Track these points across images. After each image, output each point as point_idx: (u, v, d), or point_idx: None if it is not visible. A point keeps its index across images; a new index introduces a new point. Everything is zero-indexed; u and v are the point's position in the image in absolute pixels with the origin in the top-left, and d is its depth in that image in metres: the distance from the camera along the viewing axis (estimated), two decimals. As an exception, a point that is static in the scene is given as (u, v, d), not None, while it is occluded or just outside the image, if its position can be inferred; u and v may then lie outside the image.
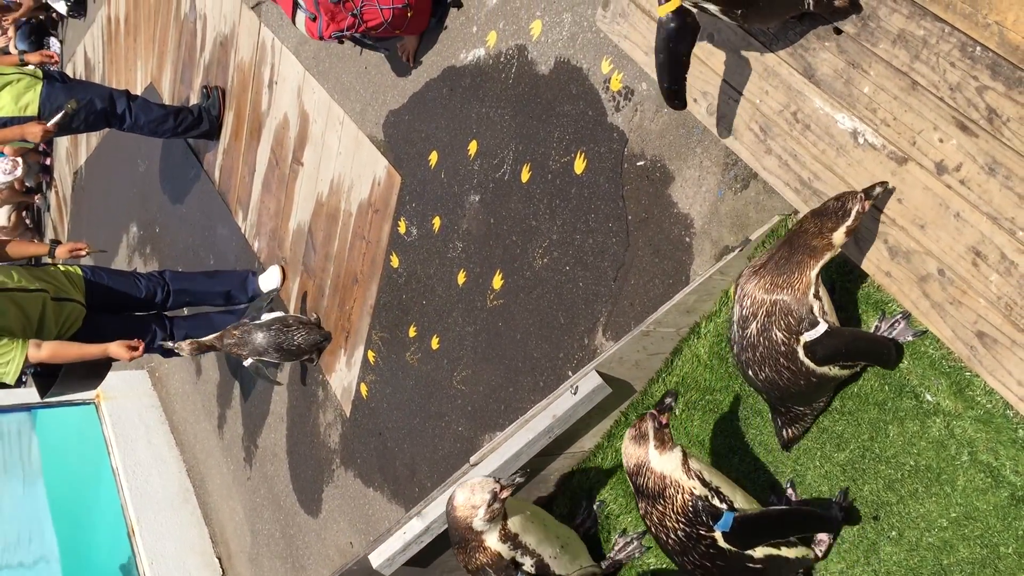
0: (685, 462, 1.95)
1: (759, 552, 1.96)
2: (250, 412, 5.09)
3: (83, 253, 4.59)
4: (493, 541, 2.18)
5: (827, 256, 1.87)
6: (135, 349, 3.91)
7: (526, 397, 3.09)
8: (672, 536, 1.97)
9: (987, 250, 1.75)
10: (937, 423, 1.94)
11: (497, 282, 3.23)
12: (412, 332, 3.69)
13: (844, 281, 2.12)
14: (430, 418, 3.58)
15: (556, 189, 2.99)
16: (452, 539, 2.24)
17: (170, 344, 4.13)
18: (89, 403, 6.14)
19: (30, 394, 6.18)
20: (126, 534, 5.50)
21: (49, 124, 4.61)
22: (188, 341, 4.08)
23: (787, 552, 2.02)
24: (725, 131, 2.30)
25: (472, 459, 2.41)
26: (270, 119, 4.98)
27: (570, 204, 2.94)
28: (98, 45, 8.56)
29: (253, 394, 5.05)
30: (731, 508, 1.93)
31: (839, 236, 1.84)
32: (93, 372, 4.14)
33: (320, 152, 4.45)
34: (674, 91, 2.07)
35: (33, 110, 4.73)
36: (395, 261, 3.81)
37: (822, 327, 1.85)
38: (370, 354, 3.98)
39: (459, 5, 3.47)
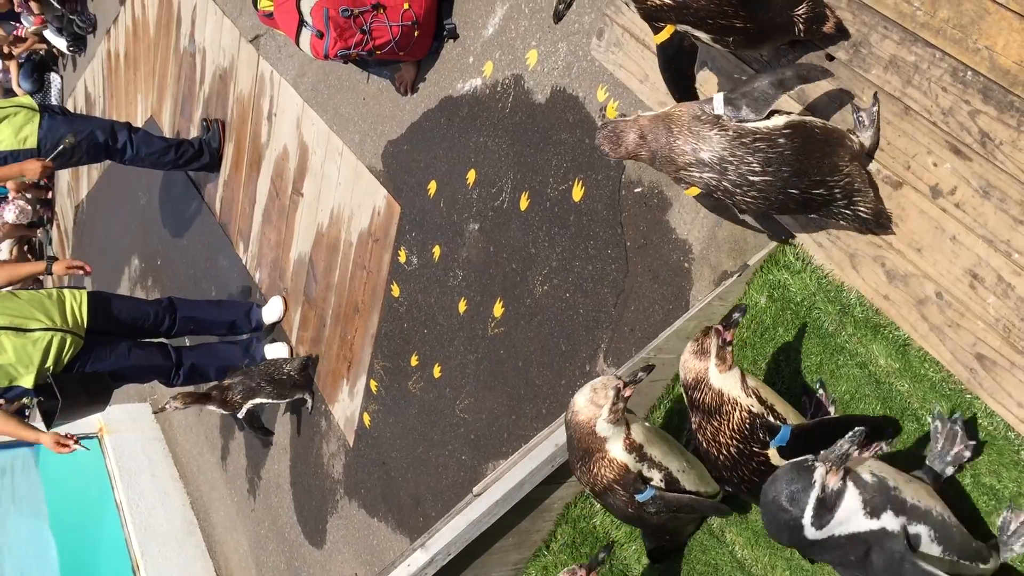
0: (744, 381, 1.91)
1: None
2: (253, 443, 5.08)
3: (81, 272, 4.58)
4: (618, 451, 2.04)
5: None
6: (65, 446, 3.92)
7: (529, 424, 3.09)
8: (724, 452, 1.93)
9: (984, 273, 1.76)
10: (939, 446, 1.94)
11: (498, 310, 3.24)
12: (414, 361, 3.69)
13: (837, 309, 2.13)
14: (433, 447, 3.58)
15: (555, 217, 3.01)
16: (574, 456, 2.10)
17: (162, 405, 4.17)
18: (92, 437, 6.12)
19: (33, 429, 6.17)
20: (130, 569, 5.48)
21: (48, 160, 4.64)
22: (178, 394, 4.11)
23: None
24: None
25: (475, 490, 2.40)
26: (270, 150, 5.01)
27: (569, 231, 2.95)
28: (98, 79, 8.62)
29: (250, 425, 5.04)
30: (785, 424, 1.90)
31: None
32: (94, 399, 4.14)
33: (320, 183, 4.47)
34: (685, 94, 2.11)
35: (32, 143, 4.76)
36: (396, 290, 3.82)
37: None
38: (372, 383, 3.98)
39: (455, 37, 3.50)
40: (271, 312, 4.77)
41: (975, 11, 1.74)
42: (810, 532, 1.63)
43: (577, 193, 2.92)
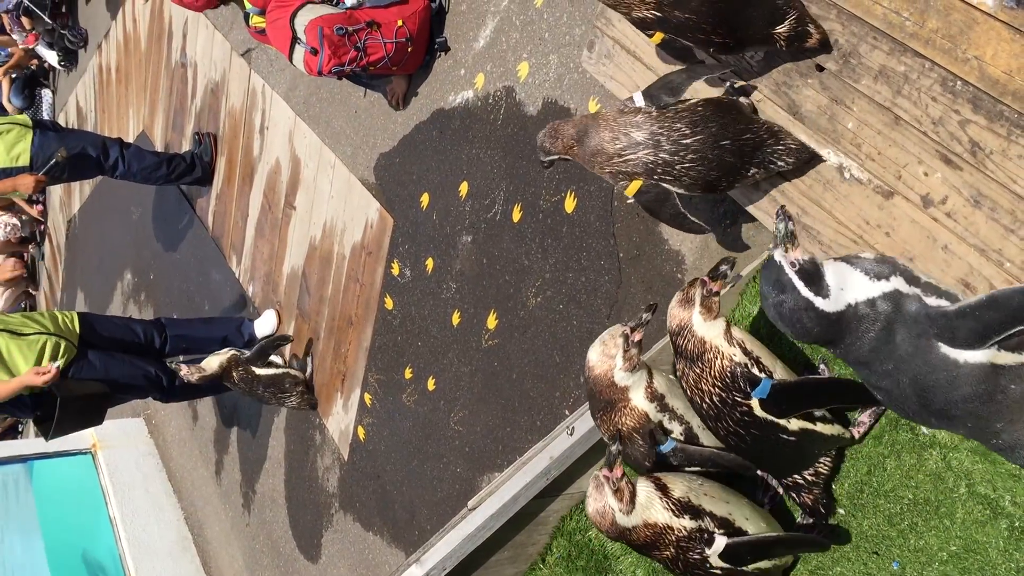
0: (728, 331, 1.92)
1: (793, 424, 1.91)
2: (248, 457, 5.06)
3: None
4: (640, 399, 2.04)
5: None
6: (45, 373, 3.87)
7: (523, 436, 3.08)
8: (707, 400, 1.92)
9: (976, 282, 1.76)
10: (934, 455, 1.94)
11: (491, 322, 3.23)
12: (408, 373, 3.69)
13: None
14: (428, 459, 3.56)
15: (547, 228, 3.01)
16: (595, 408, 2.08)
17: (173, 365, 4.14)
18: (85, 452, 6.10)
19: (26, 445, 6.16)
20: (125, 585, 5.45)
21: (40, 174, 4.63)
22: (190, 367, 4.09)
23: (822, 428, 1.97)
24: (713, 168, 2.31)
25: (470, 503, 2.40)
26: (262, 164, 5.00)
27: (562, 243, 2.95)
28: (90, 94, 8.62)
29: (250, 439, 5.02)
30: (770, 377, 1.90)
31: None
32: (90, 407, 4.12)
33: (312, 196, 4.47)
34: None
35: (25, 160, 4.75)
36: (389, 303, 3.81)
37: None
38: (367, 396, 3.97)
39: (447, 49, 3.51)
40: (264, 325, 4.76)
41: (964, 21, 1.74)
42: (822, 304, 1.67)
43: (570, 205, 2.92)
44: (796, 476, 2.04)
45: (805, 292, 1.68)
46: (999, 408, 1.61)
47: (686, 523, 1.94)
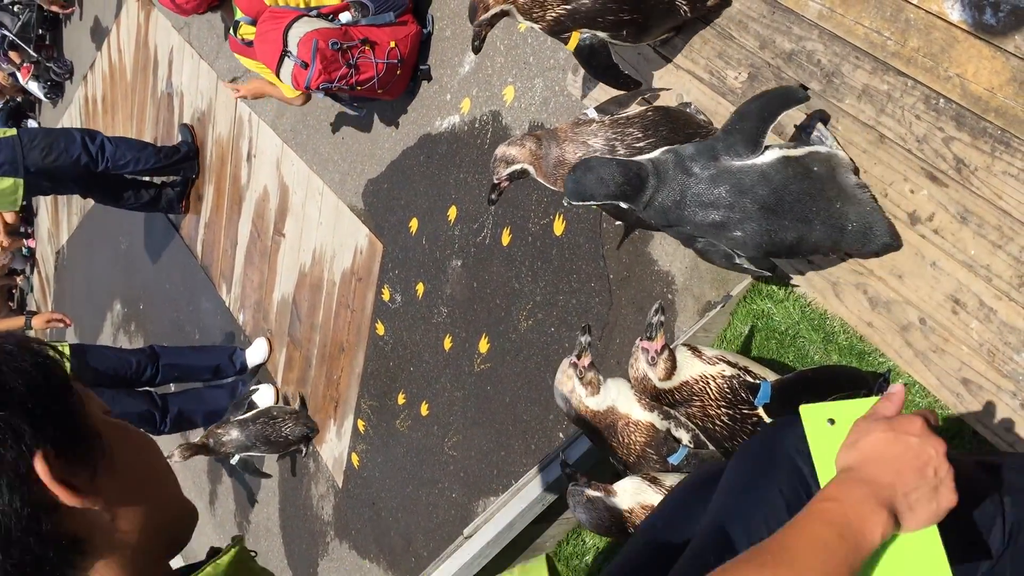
0: (699, 355, 1.88)
1: None
2: (241, 488, 5.03)
3: (61, 325, 4.55)
4: (638, 412, 2.02)
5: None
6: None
7: (518, 460, 3.07)
8: (718, 423, 1.89)
9: (966, 298, 1.76)
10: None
11: (483, 346, 3.23)
12: (401, 399, 3.67)
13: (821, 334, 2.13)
14: (423, 485, 3.55)
15: (537, 251, 3.01)
16: (601, 440, 2.06)
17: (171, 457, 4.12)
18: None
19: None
20: (120, 619, 5.39)
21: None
22: (177, 447, 4.05)
23: None
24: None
25: (466, 531, 2.38)
26: (250, 192, 5.00)
27: (552, 265, 2.95)
28: (77, 125, 8.61)
29: (244, 469, 4.99)
30: (766, 381, 1.87)
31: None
32: None
33: (301, 223, 4.46)
34: (623, 82, 2.28)
35: (19, 202, 4.76)
36: (381, 329, 3.81)
37: None
38: (360, 423, 3.95)
39: (429, 79, 3.52)
40: (256, 354, 4.74)
41: (944, 40, 1.76)
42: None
43: (558, 227, 2.92)
44: None
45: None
46: (822, 184, 1.77)
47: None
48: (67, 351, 4.22)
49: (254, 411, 4.24)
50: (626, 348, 2.69)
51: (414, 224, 3.60)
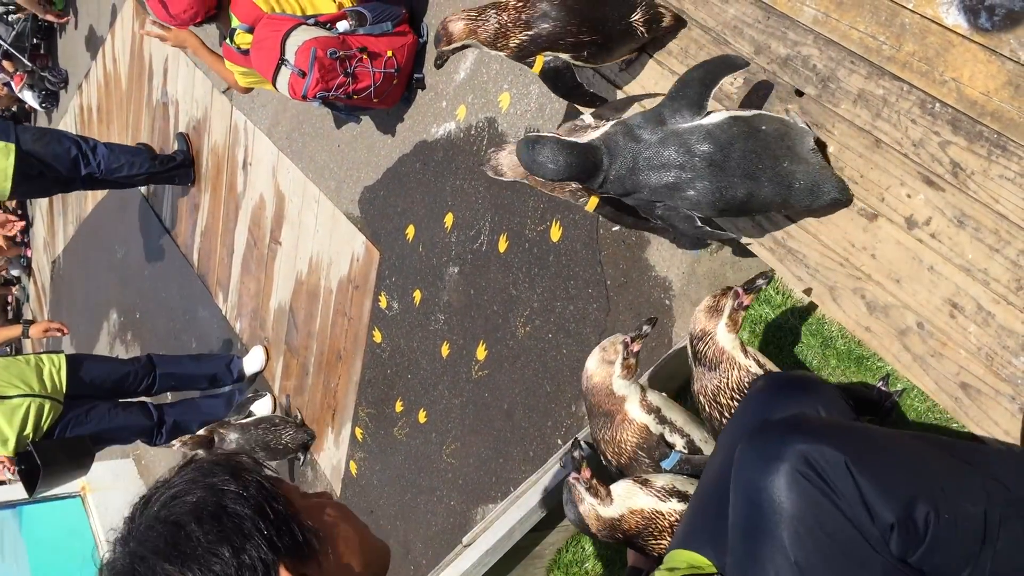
0: (744, 348, 1.89)
1: None
2: (239, 496, 5.01)
3: (58, 334, 4.54)
4: (636, 411, 2.00)
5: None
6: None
7: (517, 467, 3.07)
8: (727, 414, 1.89)
9: (963, 302, 1.76)
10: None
11: (481, 353, 3.22)
12: (399, 407, 3.67)
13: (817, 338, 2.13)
14: (421, 493, 3.54)
15: (534, 258, 3.00)
16: (596, 425, 2.06)
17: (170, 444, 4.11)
18: (75, 496, 6.03)
19: (14, 491, 6.07)
20: (118, 629, 5.37)
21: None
22: (187, 437, 4.04)
23: None
24: (697, 194, 2.32)
25: (464, 540, 2.37)
26: (246, 200, 5.00)
27: (549, 272, 2.95)
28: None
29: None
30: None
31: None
32: (75, 464, 4.08)
33: (298, 231, 4.46)
34: (588, 100, 2.37)
35: (9, 173, 4.76)
36: (378, 336, 3.80)
37: None
38: (358, 431, 3.94)
39: (423, 87, 3.52)
40: (252, 362, 4.74)
41: (940, 44, 1.76)
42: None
43: (555, 233, 2.92)
44: None
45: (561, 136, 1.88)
46: (767, 142, 1.81)
47: (675, 506, 1.91)
48: (63, 363, 4.21)
49: (255, 417, 4.23)
50: (624, 354, 2.68)
51: (411, 231, 3.60)
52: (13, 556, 6.10)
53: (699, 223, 1.90)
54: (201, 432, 4.08)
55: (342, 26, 3.45)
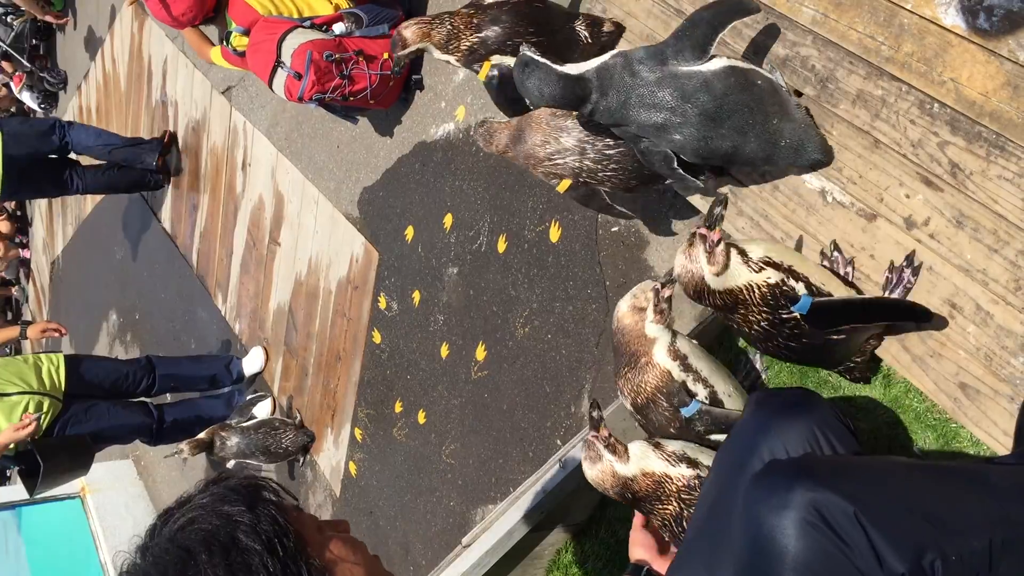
0: (745, 262, 1.80)
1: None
2: (239, 497, 5.01)
3: (56, 335, 4.55)
4: (662, 356, 1.97)
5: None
6: (25, 427, 3.83)
7: (516, 468, 3.07)
8: (755, 328, 1.84)
9: (962, 302, 1.76)
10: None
11: (480, 353, 3.22)
12: (398, 407, 3.67)
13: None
14: (421, 494, 3.54)
15: (533, 258, 3.00)
16: (620, 363, 2.02)
17: (172, 448, 4.12)
18: (74, 497, 6.04)
19: (13, 492, 6.08)
20: (117, 631, 5.37)
21: None
22: (186, 442, 4.04)
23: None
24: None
25: (464, 540, 2.37)
26: (245, 201, 5.00)
27: (548, 272, 2.95)
28: (71, 135, 8.59)
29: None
30: (808, 287, 1.80)
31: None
32: (76, 463, 4.08)
33: (297, 232, 4.46)
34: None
35: None
36: (377, 337, 3.80)
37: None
38: (357, 431, 3.94)
39: (421, 88, 3.52)
40: (252, 363, 4.74)
41: (938, 44, 1.76)
42: (565, 68, 1.87)
43: (554, 234, 2.92)
44: (845, 364, 1.97)
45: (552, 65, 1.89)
46: (762, 98, 1.83)
47: (683, 471, 1.89)
48: (61, 362, 4.21)
49: (256, 420, 4.23)
50: (623, 355, 2.68)
51: (410, 232, 3.60)
52: (13, 557, 6.10)
53: (676, 165, 1.93)
54: (202, 435, 4.09)
55: (338, 28, 3.45)
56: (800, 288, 1.79)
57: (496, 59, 2.29)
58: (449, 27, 2.28)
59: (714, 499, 1.56)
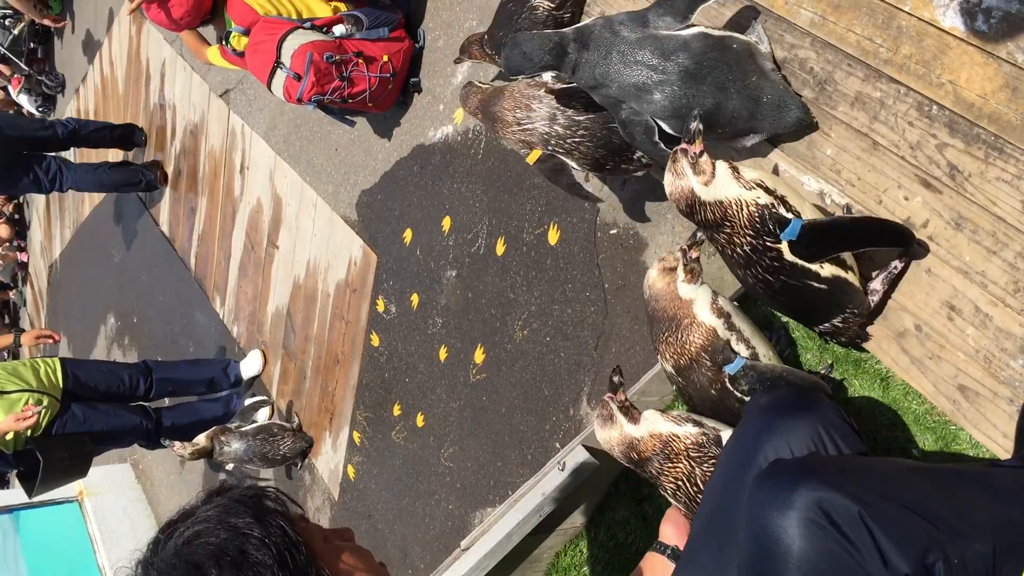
0: (737, 176, 1.80)
1: (825, 270, 1.81)
2: (237, 500, 5.00)
3: (50, 341, 4.55)
4: (706, 314, 1.94)
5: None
6: (26, 418, 3.83)
7: (515, 471, 3.06)
8: (738, 251, 1.83)
9: (961, 304, 1.76)
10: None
11: (479, 356, 3.22)
12: (396, 410, 3.66)
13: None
14: (419, 497, 3.53)
15: (532, 261, 3.00)
16: (660, 329, 2.00)
17: (166, 443, 4.09)
18: (72, 501, 6.02)
19: (11, 496, 6.07)
20: (115, 634, 5.36)
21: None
22: (186, 444, 4.03)
23: (853, 278, 1.86)
24: (694, 197, 2.32)
25: (463, 543, 2.37)
26: (243, 204, 4.99)
27: (546, 275, 2.95)
28: (69, 138, 8.58)
29: (239, 482, 4.97)
30: (799, 217, 1.78)
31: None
32: (75, 461, 4.07)
33: (295, 235, 4.45)
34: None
35: None
36: (376, 340, 3.79)
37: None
38: (355, 435, 3.94)
39: (419, 91, 3.51)
40: (250, 366, 4.73)
41: (937, 46, 1.76)
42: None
43: (553, 237, 2.91)
44: (828, 324, 1.95)
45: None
46: (739, 58, 1.91)
47: (690, 430, 1.89)
48: (58, 365, 4.20)
49: (255, 425, 4.22)
50: (622, 357, 2.68)
51: (408, 235, 3.59)
52: (11, 561, 6.09)
53: (657, 138, 1.96)
54: (202, 441, 4.08)
55: (338, 30, 3.44)
56: (790, 217, 1.78)
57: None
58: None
59: (719, 499, 1.56)
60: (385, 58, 3.37)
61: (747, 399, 1.90)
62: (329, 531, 1.12)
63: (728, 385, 1.94)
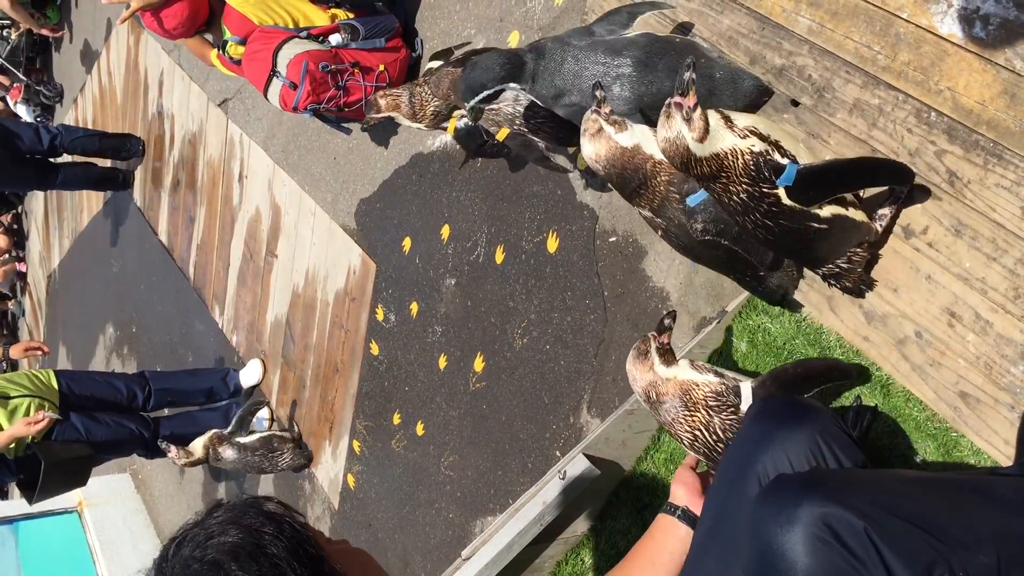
0: (730, 125, 1.74)
1: (825, 211, 1.77)
2: (237, 510, 4.99)
3: (39, 353, 4.54)
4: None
5: None
6: (38, 422, 3.83)
7: (515, 479, 3.05)
8: (735, 199, 1.77)
9: (961, 311, 1.76)
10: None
11: (479, 364, 3.21)
12: (396, 419, 3.65)
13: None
14: (420, 506, 3.52)
15: (531, 269, 3.00)
16: (633, 188, 1.99)
17: (163, 445, 4.08)
18: (72, 511, 6.01)
19: (11, 506, 6.06)
20: (115, 646, 5.35)
21: None
22: (179, 450, 4.03)
23: (854, 214, 1.82)
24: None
25: (464, 553, 2.36)
26: (242, 213, 4.99)
27: (546, 283, 2.95)
28: (67, 148, 8.58)
29: (240, 492, 4.96)
30: (794, 162, 1.74)
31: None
32: (76, 466, 4.06)
33: (294, 243, 4.45)
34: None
35: None
36: (375, 348, 3.79)
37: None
38: (355, 444, 3.93)
39: (418, 97, 3.52)
40: (249, 376, 4.72)
41: (935, 53, 1.76)
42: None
43: (552, 245, 2.91)
44: (832, 266, 1.92)
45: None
46: (683, 49, 2.02)
47: (711, 379, 1.90)
48: (52, 375, 4.20)
49: (256, 437, 4.19)
50: (622, 365, 2.67)
51: (407, 243, 3.59)
52: (10, 571, 6.07)
53: None
54: (199, 451, 4.07)
55: (335, 39, 3.45)
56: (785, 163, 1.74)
57: (458, 114, 2.54)
58: (414, 97, 2.66)
59: (719, 510, 1.55)
60: (381, 67, 3.37)
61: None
62: (327, 539, 1.16)
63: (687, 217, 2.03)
